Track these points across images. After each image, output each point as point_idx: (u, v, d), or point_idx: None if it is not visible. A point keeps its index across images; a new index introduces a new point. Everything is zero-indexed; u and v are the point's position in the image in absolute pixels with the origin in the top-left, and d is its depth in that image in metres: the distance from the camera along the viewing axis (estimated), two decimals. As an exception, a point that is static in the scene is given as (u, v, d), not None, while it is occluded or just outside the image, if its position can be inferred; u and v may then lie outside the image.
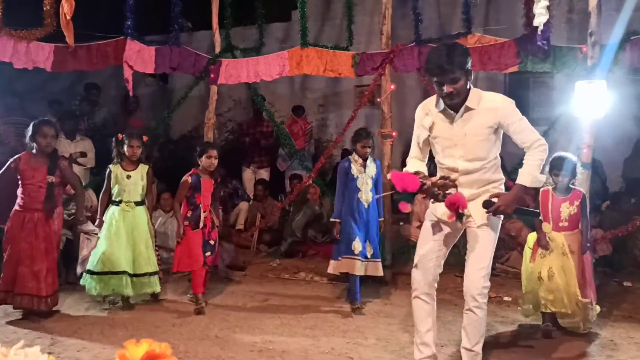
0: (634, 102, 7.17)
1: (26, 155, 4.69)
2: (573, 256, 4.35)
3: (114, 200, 5.07)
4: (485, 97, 3.26)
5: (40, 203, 4.62)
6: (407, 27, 6.30)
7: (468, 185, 3.32)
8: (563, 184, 4.38)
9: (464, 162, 3.29)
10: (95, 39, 6.20)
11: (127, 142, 5.03)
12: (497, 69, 5.86)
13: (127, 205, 5.03)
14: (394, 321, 4.75)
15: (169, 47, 6.37)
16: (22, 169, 4.64)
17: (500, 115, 3.22)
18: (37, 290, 4.58)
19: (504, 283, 5.86)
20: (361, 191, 5.08)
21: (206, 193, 5.05)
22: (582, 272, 4.38)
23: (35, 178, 4.63)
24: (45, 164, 4.66)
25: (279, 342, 4.22)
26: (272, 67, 6.36)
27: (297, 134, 8.31)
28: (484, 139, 3.24)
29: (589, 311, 4.35)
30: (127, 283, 4.91)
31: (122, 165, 5.07)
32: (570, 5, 7.89)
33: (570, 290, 4.30)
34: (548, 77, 8.00)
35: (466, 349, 3.42)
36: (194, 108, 8.18)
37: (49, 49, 5.99)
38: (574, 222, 4.40)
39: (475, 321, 3.35)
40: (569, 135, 5.95)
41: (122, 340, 1.35)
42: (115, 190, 5.06)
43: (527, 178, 3.20)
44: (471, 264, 3.36)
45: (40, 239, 4.62)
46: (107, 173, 5.10)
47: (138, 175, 5.07)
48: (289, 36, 9.01)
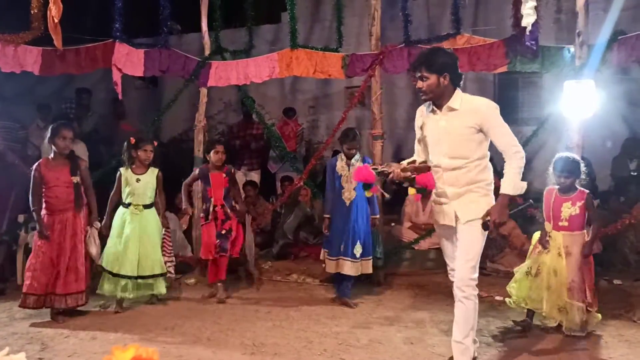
0: (622, 102, 7.22)
1: (44, 161, 4.84)
2: (569, 258, 4.36)
3: (124, 202, 5.16)
4: (468, 99, 3.47)
5: (68, 203, 4.79)
6: (396, 28, 6.31)
7: (451, 182, 3.47)
8: (566, 184, 4.40)
9: (447, 159, 3.46)
10: (83, 42, 6.17)
11: (141, 146, 5.15)
12: (486, 69, 5.89)
13: (135, 208, 5.13)
14: (386, 322, 4.75)
15: (158, 49, 6.35)
16: (45, 173, 4.76)
17: (481, 117, 3.38)
18: (76, 287, 4.77)
19: (495, 282, 5.87)
20: (344, 189, 5.18)
21: (217, 187, 5.25)
22: (582, 276, 4.36)
23: (60, 180, 4.78)
24: (66, 165, 4.82)
25: (272, 345, 4.21)
26: (262, 69, 6.36)
27: (288, 136, 8.29)
28: (466, 138, 3.40)
29: (583, 315, 4.32)
30: (128, 287, 5.02)
31: (132, 169, 5.18)
32: (558, 5, 7.95)
33: (556, 292, 4.33)
34: (537, 77, 8.04)
35: (456, 342, 3.52)
36: (184, 111, 8.15)
37: (37, 53, 5.95)
38: (575, 223, 4.39)
39: (464, 312, 3.47)
40: (558, 135, 5.99)
41: (114, 345, 1.34)
42: (125, 192, 5.15)
43: (510, 187, 3.36)
44: (459, 258, 3.51)
45: (70, 238, 4.79)
46: (117, 176, 5.21)
47: (148, 178, 5.19)
48: (279, 38, 9.01)
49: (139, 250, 5.06)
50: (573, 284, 4.34)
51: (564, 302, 4.33)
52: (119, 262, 5.01)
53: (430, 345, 4.20)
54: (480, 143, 3.42)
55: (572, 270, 4.35)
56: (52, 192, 4.78)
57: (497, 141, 3.39)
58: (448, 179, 3.47)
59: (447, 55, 3.50)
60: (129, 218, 5.11)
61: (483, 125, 3.37)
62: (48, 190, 4.78)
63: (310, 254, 6.86)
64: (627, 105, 7.42)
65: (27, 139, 7.58)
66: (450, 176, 3.46)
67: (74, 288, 4.77)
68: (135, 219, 5.11)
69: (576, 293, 4.32)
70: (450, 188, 3.47)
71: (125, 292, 5.02)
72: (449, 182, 3.47)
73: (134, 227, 5.09)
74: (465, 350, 3.48)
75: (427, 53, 3.53)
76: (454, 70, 3.44)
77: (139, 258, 5.06)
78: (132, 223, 5.10)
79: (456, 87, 3.46)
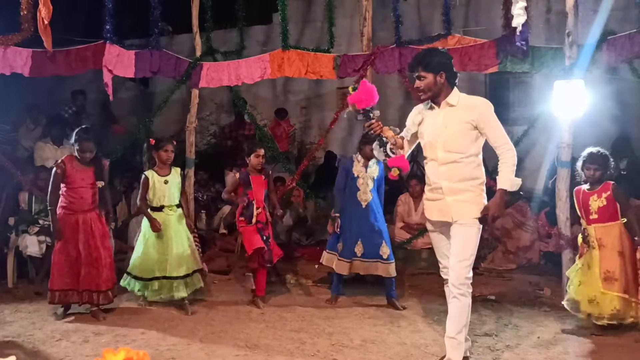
0: (612, 101, 7.27)
1: (69, 159, 4.84)
2: (603, 250, 4.42)
3: (154, 206, 5.10)
4: (465, 97, 3.63)
5: (93, 203, 4.84)
6: (387, 29, 6.34)
7: (446, 176, 3.57)
8: (595, 177, 4.47)
9: (443, 152, 3.57)
10: (74, 43, 6.13)
11: (161, 146, 5.12)
12: (477, 69, 5.92)
13: (169, 210, 5.11)
14: (379, 322, 4.76)
15: (149, 50, 6.31)
16: (70, 173, 4.78)
17: (477, 113, 3.53)
18: (97, 286, 4.79)
19: (488, 282, 5.91)
20: (360, 191, 5.16)
21: (258, 190, 5.21)
22: (634, 268, 4.38)
23: (84, 180, 4.81)
24: (91, 167, 4.86)
25: (265, 346, 4.21)
26: (253, 70, 6.35)
27: (280, 137, 8.30)
28: (462, 133, 3.53)
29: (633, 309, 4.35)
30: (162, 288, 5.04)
31: (156, 171, 5.14)
32: (548, 6, 8.00)
33: (587, 284, 4.41)
34: (527, 77, 8.09)
35: (449, 337, 3.60)
36: (175, 112, 8.13)
37: (27, 54, 5.91)
38: (605, 214, 4.45)
39: (457, 309, 3.55)
40: (549, 134, 6.03)
41: (107, 348, 1.34)
42: (153, 196, 5.10)
43: (507, 183, 3.51)
44: (453, 257, 3.58)
45: (97, 237, 4.83)
46: (142, 180, 5.12)
47: (174, 178, 5.17)
48: (270, 39, 9.01)
49: (173, 250, 5.04)
50: (608, 274, 4.38)
51: (596, 294, 4.37)
52: (156, 266, 5.00)
53: (423, 345, 4.21)
54: (475, 140, 3.55)
55: (606, 261, 4.40)
56: (77, 193, 4.79)
57: (490, 138, 3.54)
58: (443, 173, 3.57)
59: (443, 55, 3.65)
60: (164, 221, 5.05)
61: (478, 122, 3.51)
62: (73, 190, 4.79)
63: (303, 254, 6.86)
64: (616, 105, 7.47)
65: (17, 141, 7.55)
66: (446, 170, 3.56)
67: (103, 286, 4.81)
68: (171, 220, 5.10)
69: (617, 284, 4.35)
70: (445, 182, 3.56)
71: (159, 294, 5.06)
72: (444, 176, 3.57)
73: (167, 229, 5.06)
74: (458, 346, 3.58)
75: (424, 53, 3.67)
76: (450, 69, 3.59)
77: (172, 258, 5.03)
78: (168, 226, 5.05)
79: (453, 86, 3.61)
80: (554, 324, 4.69)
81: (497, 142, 3.52)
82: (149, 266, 5.03)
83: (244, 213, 5.17)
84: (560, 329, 4.56)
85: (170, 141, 5.23)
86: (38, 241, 5.87)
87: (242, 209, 5.18)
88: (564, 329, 4.55)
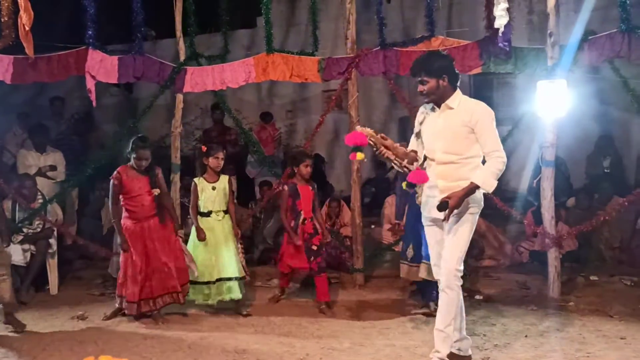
0: (594, 100, 7.35)
1: (124, 169, 4.90)
2: None
3: (202, 212, 5.19)
4: (466, 101, 3.69)
5: (152, 210, 4.91)
6: (371, 31, 6.34)
7: (442, 175, 3.63)
8: None
9: (441, 153, 3.63)
10: (55, 49, 6.06)
11: (212, 153, 5.18)
12: (461, 70, 5.89)
13: (217, 215, 5.19)
14: (368, 324, 4.76)
15: (132, 56, 6.26)
16: (126, 182, 4.84)
17: (475, 117, 3.57)
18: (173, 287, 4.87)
19: (476, 281, 5.93)
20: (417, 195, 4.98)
21: (306, 200, 5.22)
22: None
23: (142, 188, 4.89)
24: (145, 174, 4.92)
25: (253, 350, 4.19)
26: (238, 74, 6.33)
27: (266, 141, 8.28)
28: (460, 135, 3.59)
29: None
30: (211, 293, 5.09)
31: (204, 178, 5.21)
32: (530, 6, 8.07)
33: None
34: (511, 78, 8.15)
35: (438, 330, 3.66)
36: (160, 117, 8.08)
37: (8, 61, 5.84)
38: None
39: (446, 301, 3.61)
40: (533, 134, 6.07)
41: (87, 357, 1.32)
42: (203, 202, 5.18)
43: (480, 179, 3.53)
44: (446, 248, 3.65)
45: (158, 241, 4.89)
46: (192, 187, 5.23)
47: (222, 185, 5.23)
48: (254, 43, 9.00)
49: (223, 253, 5.11)
50: None
51: None
52: (207, 271, 5.07)
53: (412, 347, 4.21)
54: (474, 142, 3.60)
55: None
56: (137, 201, 4.87)
57: (482, 142, 3.56)
58: (440, 173, 3.63)
59: (444, 58, 3.73)
60: (212, 226, 5.15)
61: (474, 125, 3.55)
62: (131, 199, 4.87)
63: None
64: (599, 104, 7.56)
65: (4, 147, 7.46)
66: (443, 170, 3.62)
67: (171, 287, 4.88)
68: (219, 225, 5.17)
69: None
70: (441, 181, 3.61)
71: (209, 298, 5.11)
72: (441, 175, 3.63)
73: (215, 234, 5.14)
74: (445, 339, 3.64)
75: (425, 58, 3.76)
76: (451, 71, 3.65)
77: (223, 260, 5.10)
78: (213, 231, 5.14)
79: (455, 88, 3.67)
80: (541, 322, 4.71)
81: (488, 148, 3.55)
82: (200, 271, 5.06)
83: (293, 225, 5.21)
84: (547, 327, 4.58)
85: (220, 149, 5.30)
86: (22, 250, 5.76)
87: (291, 220, 5.22)
88: (551, 327, 4.58)
